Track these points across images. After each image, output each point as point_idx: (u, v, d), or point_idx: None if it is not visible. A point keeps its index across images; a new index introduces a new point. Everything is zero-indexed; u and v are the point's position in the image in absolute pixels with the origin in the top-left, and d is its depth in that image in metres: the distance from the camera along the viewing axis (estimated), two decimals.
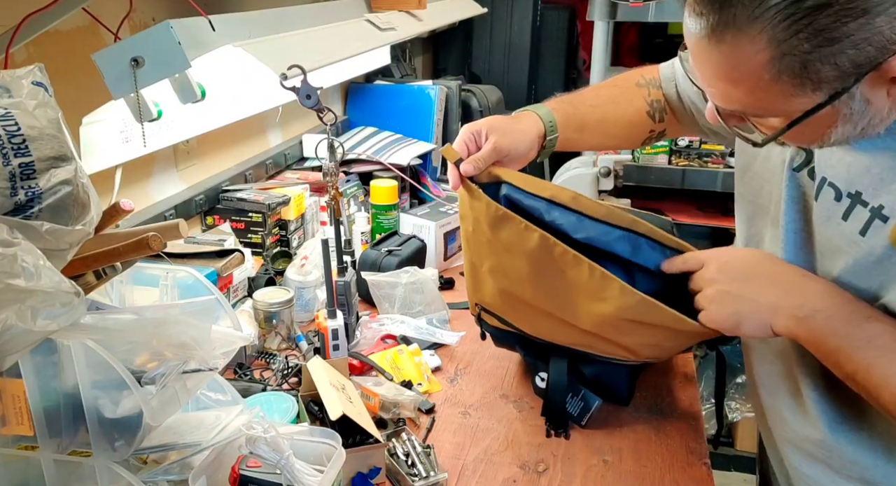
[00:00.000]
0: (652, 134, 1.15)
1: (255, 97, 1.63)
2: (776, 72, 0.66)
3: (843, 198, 0.77)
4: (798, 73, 0.65)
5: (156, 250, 0.75)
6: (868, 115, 0.68)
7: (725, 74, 0.69)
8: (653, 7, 2.23)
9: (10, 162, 0.64)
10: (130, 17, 1.20)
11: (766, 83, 0.67)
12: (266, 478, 0.82)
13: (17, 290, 0.61)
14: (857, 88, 0.66)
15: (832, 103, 0.67)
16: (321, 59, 1.29)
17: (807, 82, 0.66)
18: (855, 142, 0.73)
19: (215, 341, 0.82)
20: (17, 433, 0.75)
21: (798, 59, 0.64)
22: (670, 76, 1.13)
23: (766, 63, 0.65)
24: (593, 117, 1.12)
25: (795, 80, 0.66)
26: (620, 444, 1.09)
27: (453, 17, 2.36)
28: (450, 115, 2.24)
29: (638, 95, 1.14)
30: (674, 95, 1.13)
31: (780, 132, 0.72)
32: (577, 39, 3.05)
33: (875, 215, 0.74)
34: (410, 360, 1.27)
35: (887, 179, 0.73)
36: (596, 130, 1.14)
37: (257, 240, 1.53)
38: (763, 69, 0.66)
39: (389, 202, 1.73)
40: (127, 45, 0.96)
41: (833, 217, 0.78)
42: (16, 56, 0.99)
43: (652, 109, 1.13)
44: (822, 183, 0.80)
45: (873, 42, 0.62)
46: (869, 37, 0.62)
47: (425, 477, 0.99)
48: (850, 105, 0.67)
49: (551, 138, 1.07)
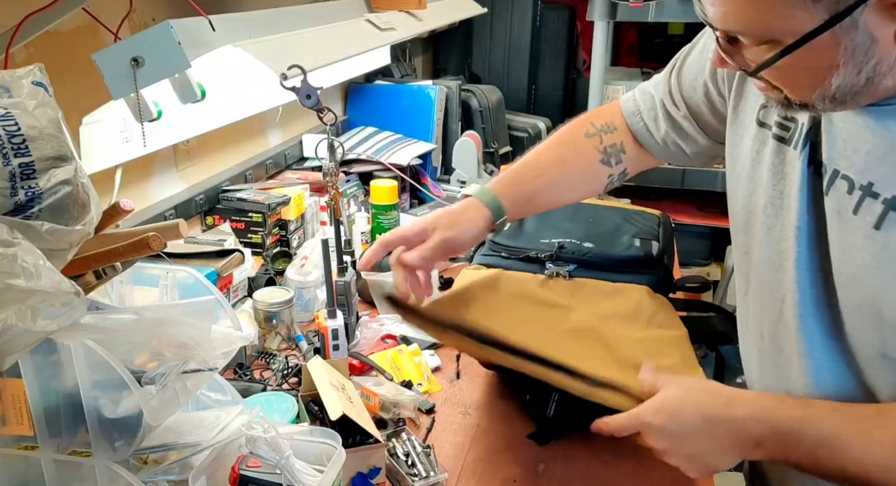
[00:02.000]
0: (611, 178, 1.14)
1: (255, 97, 1.63)
2: None
3: (854, 190, 0.75)
4: None
5: (156, 250, 0.75)
6: (873, 55, 0.65)
7: None
8: (653, 7, 2.23)
9: (10, 162, 0.64)
10: (130, 17, 1.20)
11: None
12: (266, 478, 0.82)
13: (17, 290, 0.61)
14: (862, 13, 0.62)
15: (832, 28, 0.63)
16: (321, 59, 1.29)
17: None
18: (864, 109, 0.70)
19: (215, 341, 0.82)
20: (17, 433, 0.75)
21: None
22: (634, 110, 1.13)
23: None
24: (541, 185, 1.12)
25: None
26: (620, 444, 1.09)
27: (453, 17, 2.36)
28: (450, 115, 2.24)
29: (588, 146, 1.13)
30: (642, 129, 1.12)
31: (778, 57, 0.68)
32: (577, 39, 3.05)
33: (889, 207, 0.71)
34: (410, 360, 1.27)
35: None
36: (548, 197, 1.14)
37: (257, 240, 1.53)
38: None
39: (389, 202, 1.73)
40: (127, 45, 0.96)
41: (844, 212, 0.76)
42: (16, 56, 0.99)
43: (605, 155, 1.12)
44: (834, 176, 0.77)
45: None
46: None
47: (425, 477, 0.99)
48: (853, 37, 0.64)
49: (500, 221, 1.07)
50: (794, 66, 0.68)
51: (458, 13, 2.39)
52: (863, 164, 0.74)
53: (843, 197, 0.76)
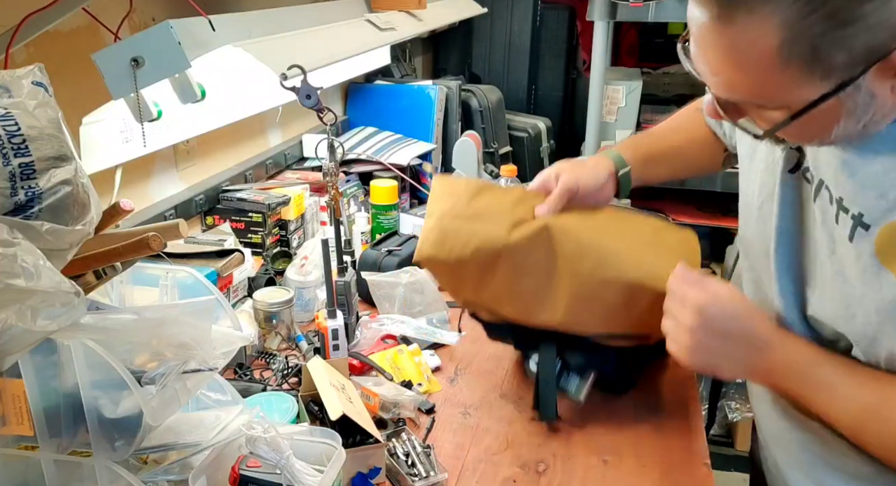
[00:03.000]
0: (727, 153, 1.15)
1: (255, 97, 1.63)
2: (786, 57, 0.64)
3: (833, 201, 0.77)
4: (808, 58, 0.64)
5: (156, 250, 0.75)
6: (872, 109, 0.67)
7: (733, 60, 0.67)
8: (653, 7, 2.23)
9: (10, 162, 0.64)
10: (130, 17, 1.20)
11: (775, 69, 0.65)
12: (266, 478, 0.82)
13: (17, 290, 0.61)
14: (864, 78, 0.64)
15: (838, 94, 0.65)
16: (321, 59, 1.29)
17: (816, 69, 0.64)
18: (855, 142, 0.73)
19: (215, 341, 0.82)
20: (17, 433, 0.75)
21: (809, 42, 0.63)
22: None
23: (777, 47, 0.64)
24: (661, 148, 1.15)
25: (805, 66, 0.64)
26: (620, 444, 1.09)
27: (453, 17, 2.36)
28: (450, 115, 2.24)
29: (700, 117, 1.15)
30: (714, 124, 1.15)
31: (784, 124, 0.70)
32: (577, 39, 3.04)
33: (857, 223, 0.73)
34: (410, 360, 1.27)
35: (868, 185, 0.72)
36: (665, 160, 1.16)
37: (257, 240, 1.53)
38: (773, 54, 0.64)
39: (389, 202, 1.73)
40: (127, 45, 0.96)
41: (828, 220, 0.78)
42: (16, 56, 0.99)
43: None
44: (819, 185, 0.79)
45: (887, 26, 0.61)
46: (883, 20, 0.61)
47: (425, 477, 0.99)
48: (855, 98, 0.66)
49: (623, 172, 1.10)
50: (799, 125, 0.70)
51: (458, 13, 2.39)
52: (834, 179, 0.76)
53: (827, 206, 0.78)
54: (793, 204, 0.83)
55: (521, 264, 1.05)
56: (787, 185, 0.84)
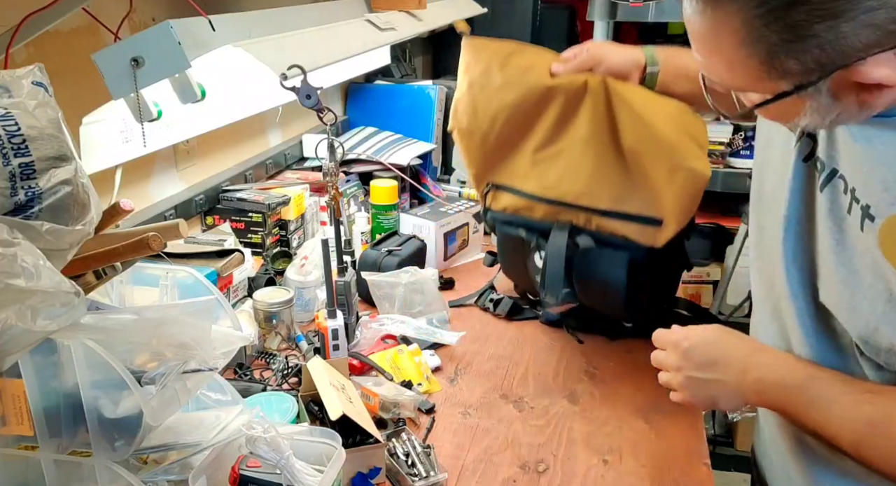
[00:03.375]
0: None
1: (255, 97, 1.63)
2: (746, 54, 0.69)
3: (847, 190, 0.77)
4: (764, 60, 0.68)
5: (156, 250, 0.75)
6: (836, 109, 0.71)
7: (708, 48, 0.73)
8: (653, 7, 2.23)
9: (10, 162, 0.64)
10: (130, 17, 1.20)
11: (739, 61, 0.70)
12: (266, 478, 0.82)
13: (17, 290, 0.61)
14: (824, 84, 0.68)
15: (797, 94, 0.70)
16: (321, 59, 1.29)
17: (772, 71, 0.69)
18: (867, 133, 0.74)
19: (215, 341, 0.82)
20: (17, 433, 0.75)
21: (765, 47, 0.67)
22: None
23: (739, 43, 0.69)
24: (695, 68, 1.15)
25: (762, 66, 0.69)
26: (620, 444, 1.09)
27: (453, 17, 2.35)
28: (450, 115, 2.24)
29: None
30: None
31: (748, 111, 0.76)
32: (577, 39, 3.04)
33: (865, 214, 0.74)
34: (410, 360, 1.26)
35: (876, 177, 0.73)
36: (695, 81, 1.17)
37: (257, 240, 1.53)
38: (736, 48, 0.69)
39: (389, 202, 1.73)
40: (127, 45, 0.95)
41: (836, 209, 0.78)
42: (16, 56, 0.99)
43: None
44: (831, 175, 0.79)
45: (836, 46, 0.65)
46: (833, 40, 0.65)
47: (425, 477, 0.99)
48: (817, 99, 0.70)
49: (652, 70, 1.15)
50: (769, 110, 0.75)
51: (458, 13, 2.39)
52: (850, 168, 0.77)
53: (839, 196, 0.78)
54: (802, 192, 0.84)
55: (563, 114, 1.14)
56: (799, 173, 0.84)
